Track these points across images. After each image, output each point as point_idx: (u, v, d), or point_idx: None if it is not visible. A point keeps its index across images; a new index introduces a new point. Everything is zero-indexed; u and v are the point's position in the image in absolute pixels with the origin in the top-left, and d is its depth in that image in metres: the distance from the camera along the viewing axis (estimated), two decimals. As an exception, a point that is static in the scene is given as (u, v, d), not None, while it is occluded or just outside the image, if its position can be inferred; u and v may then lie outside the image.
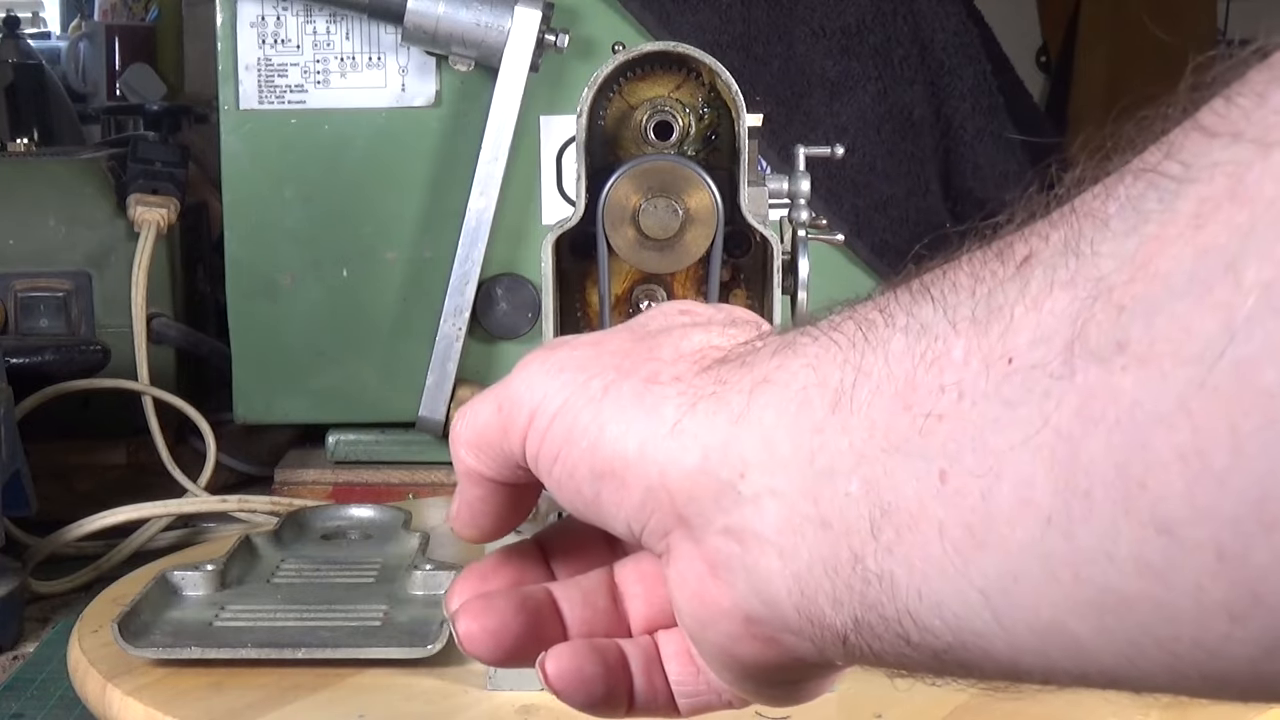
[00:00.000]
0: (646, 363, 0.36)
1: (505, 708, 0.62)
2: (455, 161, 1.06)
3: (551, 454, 0.36)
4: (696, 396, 0.34)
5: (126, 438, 1.15)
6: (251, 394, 1.10)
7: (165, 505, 1.01)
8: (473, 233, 1.04)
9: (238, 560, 0.77)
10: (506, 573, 0.41)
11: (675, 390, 0.35)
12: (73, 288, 1.13)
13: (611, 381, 0.36)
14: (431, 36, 1.02)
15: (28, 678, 0.78)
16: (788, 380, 0.33)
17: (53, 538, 0.96)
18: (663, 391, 0.35)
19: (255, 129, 1.08)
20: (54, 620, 0.88)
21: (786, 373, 0.33)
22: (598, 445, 0.35)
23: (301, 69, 1.07)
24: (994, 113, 1.18)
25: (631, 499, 0.35)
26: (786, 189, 0.66)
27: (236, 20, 1.07)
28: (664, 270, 0.61)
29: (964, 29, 1.17)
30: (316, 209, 1.08)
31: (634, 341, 0.37)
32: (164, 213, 1.13)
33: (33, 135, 1.39)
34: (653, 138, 0.61)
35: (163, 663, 0.65)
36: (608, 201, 0.59)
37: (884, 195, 1.12)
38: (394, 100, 1.07)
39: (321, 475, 1.10)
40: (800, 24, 1.10)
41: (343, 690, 0.63)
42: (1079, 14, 2.26)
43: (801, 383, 0.32)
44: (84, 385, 1.08)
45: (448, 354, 1.05)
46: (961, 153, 1.17)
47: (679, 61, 0.62)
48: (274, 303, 1.09)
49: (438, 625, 0.66)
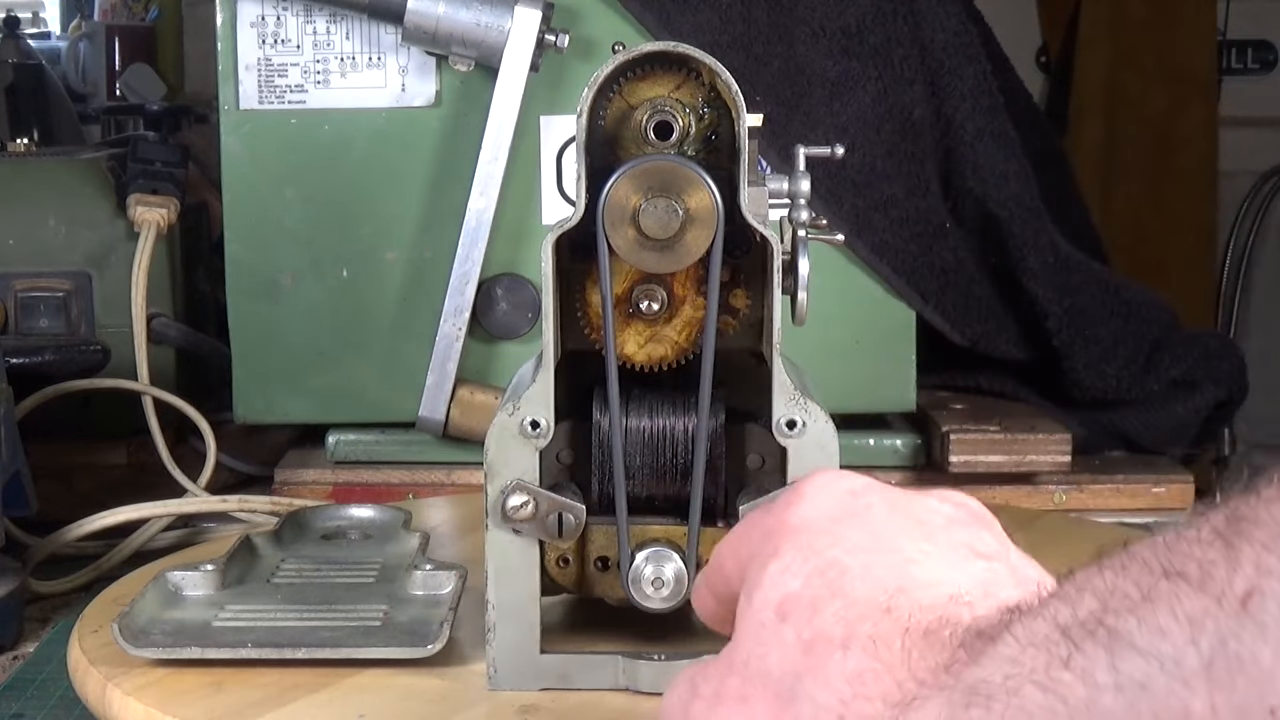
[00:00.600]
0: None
1: (505, 708, 0.62)
2: (455, 161, 1.06)
3: None
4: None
5: (126, 438, 1.15)
6: (251, 394, 1.10)
7: (165, 505, 1.01)
8: (473, 233, 1.04)
9: (238, 560, 0.76)
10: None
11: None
12: (73, 288, 1.13)
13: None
14: (431, 36, 1.02)
15: (28, 678, 0.78)
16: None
17: (53, 538, 0.96)
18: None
19: (255, 129, 1.08)
20: (54, 620, 0.88)
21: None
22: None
23: (301, 69, 1.07)
24: (994, 113, 1.18)
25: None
26: (786, 189, 0.66)
27: (236, 20, 1.07)
28: (664, 270, 0.61)
29: (964, 29, 1.17)
30: (316, 209, 1.08)
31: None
32: (164, 213, 1.13)
33: (33, 135, 1.39)
34: (653, 138, 0.61)
35: (163, 663, 0.65)
36: (608, 201, 0.59)
37: (884, 195, 1.12)
38: (394, 100, 1.07)
39: (321, 475, 1.10)
40: (800, 24, 1.10)
41: (343, 690, 0.63)
42: (1079, 14, 2.26)
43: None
44: (84, 385, 1.08)
45: (448, 354, 1.05)
46: (961, 153, 1.17)
47: (679, 61, 0.62)
48: (274, 303, 1.09)
49: (438, 625, 0.66)
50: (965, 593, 0.40)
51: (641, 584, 0.62)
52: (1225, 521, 0.29)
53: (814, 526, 0.44)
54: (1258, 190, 2.20)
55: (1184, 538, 0.30)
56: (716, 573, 0.50)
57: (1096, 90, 2.24)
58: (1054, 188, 1.27)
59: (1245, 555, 0.28)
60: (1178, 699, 0.28)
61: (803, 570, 0.42)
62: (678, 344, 0.63)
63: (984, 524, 0.45)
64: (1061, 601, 0.33)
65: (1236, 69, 2.34)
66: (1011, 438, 1.07)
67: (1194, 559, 0.29)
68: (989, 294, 1.19)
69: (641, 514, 0.64)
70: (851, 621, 0.40)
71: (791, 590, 0.42)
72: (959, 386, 1.23)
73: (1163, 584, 0.29)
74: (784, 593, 0.42)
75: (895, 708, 0.37)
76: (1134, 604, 0.30)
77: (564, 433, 0.64)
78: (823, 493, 0.46)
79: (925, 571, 0.41)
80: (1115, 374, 1.18)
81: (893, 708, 0.37)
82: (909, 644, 0.38)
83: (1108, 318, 1.19)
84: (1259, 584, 0.28)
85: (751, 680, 0.41)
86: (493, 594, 0.62)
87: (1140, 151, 2.25)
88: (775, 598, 0.42)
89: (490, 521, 0.62)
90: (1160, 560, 0.30)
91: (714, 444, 0.63)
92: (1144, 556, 0.31)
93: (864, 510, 0.44)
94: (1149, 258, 2.13)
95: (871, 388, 1.10)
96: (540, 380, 0.61)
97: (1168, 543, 0.31)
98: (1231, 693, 0.27)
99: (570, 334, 0.64)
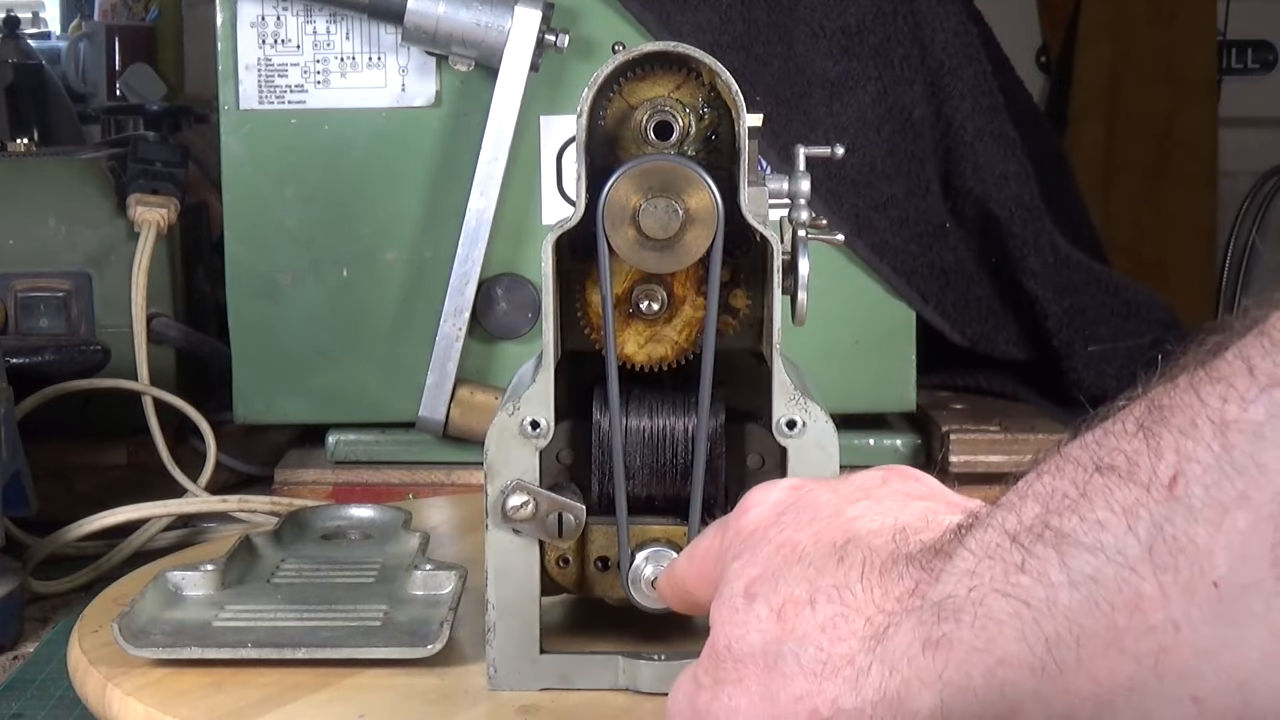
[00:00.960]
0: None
1: (505, 708, 0.62)
2: (455, 161, 1.06)
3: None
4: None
5: (126, 438, 1.15)
6: (251, 394, 1.10)
7: (165, 505, 1.01)
8: (473, 233, 1.04)
9: (238, 560, 0.76)
10: None
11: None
12: (73, 288, 1.13)
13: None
14: (431, 36, 1.02)
15: (28, 678, 0.78)
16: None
17: (53, 538, 0.96)
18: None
19: (255, 129, 1.08)
20: (54, 620, 0.88)
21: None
22: None
23: (301, 69, 1.07)
24: (994, 113, 1.18)
25: None
26: (786, 189, 0.65)
27: (236, 20, 1.07)
28: (664, 270, 0.61)
29: (964, 29, 1.17)
30: (316, 209, 1.08)
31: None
32: (164, 213, 1.13)
33: (33, 135, 1.39)
34: (653, 138, 0.61)
35: (163, 663, 0.65)
36: (608, 201, 0.59)
37: (884, 195, 1.12)
38: (394, 100, 1.07)
39: (321, 475, 1.10)
40: (800, 24, 1.10)
41: (343, 690, 0.63)
42: (1079, 14, 2.26)
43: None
44: (84, 385, 1.08)
45: (448, 354, 1.05)
46: (961, 153, 1.17)
47: (679, 61, 0.62)
48: (274, 303, 1.09)
49: (438, 625, 0.66)
50: (908, 525, 0.42)
51: (641, 584, 0.62)
52: (1146, 410, 0.31)
53: (763, 523, 0.47)
54: (1258, 190, 2.19)
55: (1110, 432, 0.32)
56: (677, 583, 0.53)
57: (1096, 90, 2.24)
58: (1054, 188, 1.27)
59: (1165, 442, 0.30)
60: (1128, 586, 0.30)
61: (759, 558, 0.45)
62: (678, 344, 0.63)
63: (917, 477, 0.48)
64: (1007, 510, 0.35)
65: (1236, 69, 2.34)
66: (1011, 438, 1.07)
67: (1120, 451, 0.31)
68: (989, 294, 1.19)
69: (641, 514, 0.64)
70: (812, 579, 0.42)
71: (753, 574, 0.44)
72: (959, 386, 1.23)
73: (1095, 479, 0.31)
74: (747, 579, 0.44)
75: (870, 640, 0.39)
76: (1073, 502, 0.32)
77: (564, 433, 0.64)
78: (766, 495, 0.48)
79: (869, 522, 0.43)
80: (1115, 374, 1.18)
81: (867, 640, 0.39)
82: (869, 583, 0.40)
83: (1108, 318, 1.20)
84: (1181, 468, 0.29)
85: (741, 660, 0.43)
86: (493, 594, 0.62)
87: (1140, 151, 2.25)
88: (740, 586, 0.44)
89: (490, 521, 0.62)
90: (1090, 456, 0.32)
91: (714, 444, 0.63)
92: (1075, 455, 0.33)
93: (805, 495, 0.47)
94: (1149, 258, 2.13)
95: (871, 388, 1.10)
96: (540, 380, 0.61)
97: (1096, 439, 0.33)
98: (1176, 573, 0.29)
99: (570, 334, 0.64)
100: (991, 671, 0.34)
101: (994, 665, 0.34)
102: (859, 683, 0.39)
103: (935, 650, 0.36)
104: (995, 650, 0.34)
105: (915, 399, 1.11)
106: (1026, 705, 0.33)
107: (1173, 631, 0.29)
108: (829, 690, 0.40)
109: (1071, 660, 0.32)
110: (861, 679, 0.39)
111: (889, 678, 0.38)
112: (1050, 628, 0.32)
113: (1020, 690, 0.33)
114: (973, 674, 0.35)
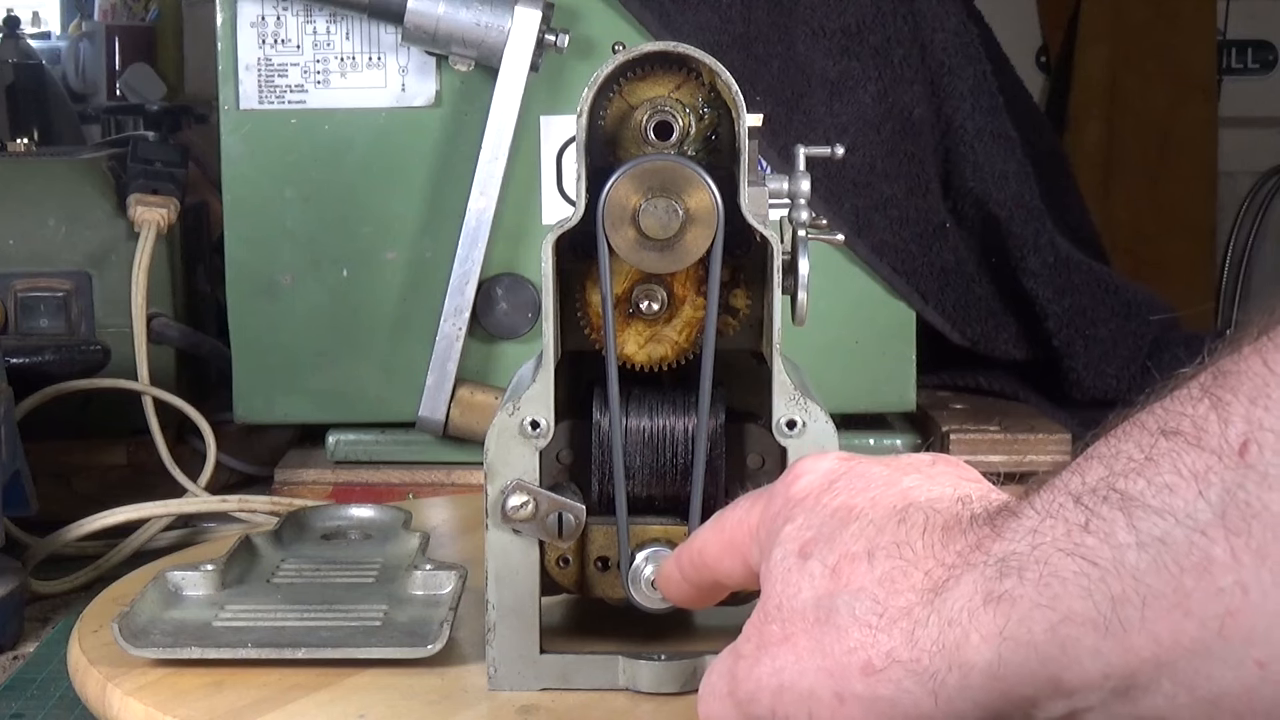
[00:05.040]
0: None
1: (505, 708, 0.62)
2: (455, 161, 1.06)
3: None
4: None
5: (126, 438, 1.15)
6: (251, 394, 1.10)
7: (165, 505, 1.01)
8: (473, 233, 1.04)
9: (238, 560, 0.76)
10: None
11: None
12: (73, 288, 1.13)
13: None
14: (431, 36, 1.02)
15: (28, 678, 0.78)
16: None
17: (53, 538, 0.96)
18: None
19: (255, 129, 1.08)
20: (54, 620, 0.88)
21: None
22: None
23: (301, 69, 1.07)
24: (994, 113, 1.18)
25: None
26: (786, 189, 0.65)
27: (236, 20, 1.07)
28: (664, 270, 0.61)
29: (964, 29, 1.17)
30: (316, 209, 1.08)
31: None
32: (164, 213, 1.13)
33: (33, 135, 1.39)
34: (653, 138, 0.61)
35: (163, 663, 0.65)
36: (608, 201, 0.59)
37: (884, 195, 1.12)
38: (394, 100, 1.07)
39: (321, 475, 1.10)
40: (800, 24, 1.10)
41: (343, 690, 0.63)
42: (1079, 14, 2.26)
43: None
44: (84, 385, 1.08)
45: (448, 354, 1.05)
46: (961, 153, 1.17)
47: (679, 61, 0.62)
48: (274, 303, 1.09)
49: (438, 625, 0.66)
50: (969, 495, 0.42)
51: (641, 584, 0.62)
52: (1212, 378, 0.32)
53: (816, 488, 0.46)
54: (1258, 190, 2.20)
55: (1175, 398, 0.33)
56: (696, 555, 0.52)
57: (1096, 90, 2.24)
58: (1054, 188, 1.27)
59: (1234, 409, 0.30)
60: (1198, 549, 0.30)
61: (814, 521, 0.44)
62: (678, 344, 0.63)
63: (962, 465, 0.48)
64: (1071, 473, 0.35)
65: (1236, 69, 2.34)
66: (1011, 438, 1.07)
67: (1186, 416, 0.32)
68: (989, 294, 1.19)
69: (641, 514, 0.63)
70: (871, 537, 0.42)
71: (808, 536, 0.44)
72: (959, 386, 1.23)
73: (1161, 442, 0.32)
74: (802, 540, 0.44)
75: (928, 593, 0.39)
76: (1139, 465, 0.32)
77: (564, 433, 0.64)
78: (816, 465, 0.48)
79: (927, 491, 0.43)
80: (1115, 374, 1.18)
81: (925, 594, 0.39)
82: (930, 540, 0.40)
83: (1108, 318, 1.20)
84: (1253, 435, 0.30)
85: (790, 619, 0.42)
86: (493, 594, 0.62)
87: (1140, 151, 2.25)
88: (794, 547, 0.44)
89: (490, 521, 0.62)
90: (1156, 421, 0.33)
91: (714, 444, 0.63)
92: (1140, 419, 0.34)
93: (857, 466, 0.47)
94: (1149, 258, 2.13)
95: (871, 388, 1.10)
96: (540, 380, 0.61)
97: (1162, 404, 0.33)
98: (1249, 538, 0.30)
99: (570, 334, 0.64)
100: (1054, 628, 0.34)
101: (1057, 622, 0.34)
102: (915, 635, 0.39)
103: (997, 605, 0.36)
104: (1059, 607, 0.34)
105: (915, 399, 1.11)
106: (1085, 663, 0.34)
107: (1241, 595, 0.30)
108: (884, 642, 0.39)
109: (1136, 620, 0.32)
110: (919, 631, 0.39)
111: (947, 630, 0.38)
112: (1117, 587, 0.32)
113: (1081, 647, 0.34)
114: (1034, 629, 0.35)
